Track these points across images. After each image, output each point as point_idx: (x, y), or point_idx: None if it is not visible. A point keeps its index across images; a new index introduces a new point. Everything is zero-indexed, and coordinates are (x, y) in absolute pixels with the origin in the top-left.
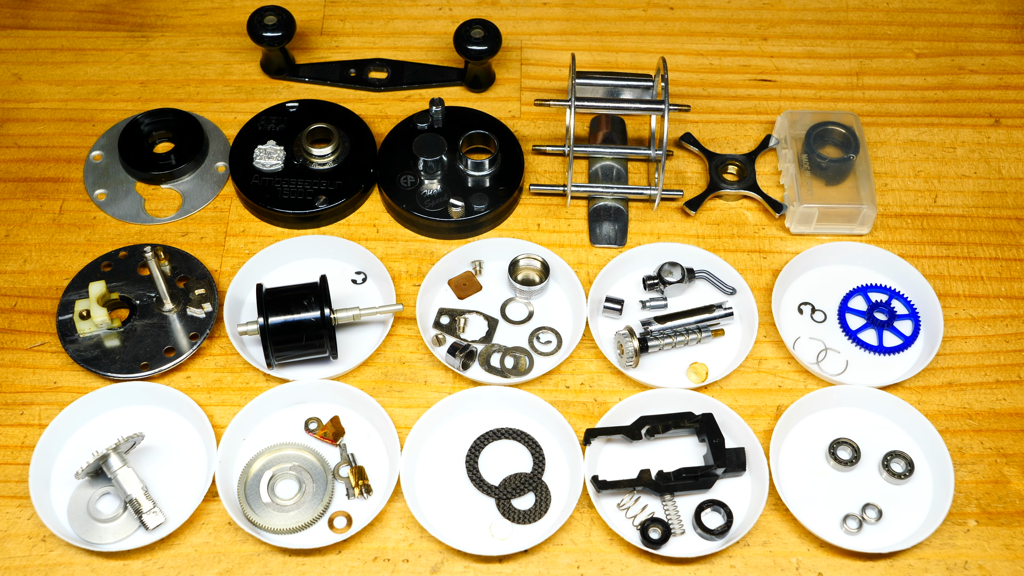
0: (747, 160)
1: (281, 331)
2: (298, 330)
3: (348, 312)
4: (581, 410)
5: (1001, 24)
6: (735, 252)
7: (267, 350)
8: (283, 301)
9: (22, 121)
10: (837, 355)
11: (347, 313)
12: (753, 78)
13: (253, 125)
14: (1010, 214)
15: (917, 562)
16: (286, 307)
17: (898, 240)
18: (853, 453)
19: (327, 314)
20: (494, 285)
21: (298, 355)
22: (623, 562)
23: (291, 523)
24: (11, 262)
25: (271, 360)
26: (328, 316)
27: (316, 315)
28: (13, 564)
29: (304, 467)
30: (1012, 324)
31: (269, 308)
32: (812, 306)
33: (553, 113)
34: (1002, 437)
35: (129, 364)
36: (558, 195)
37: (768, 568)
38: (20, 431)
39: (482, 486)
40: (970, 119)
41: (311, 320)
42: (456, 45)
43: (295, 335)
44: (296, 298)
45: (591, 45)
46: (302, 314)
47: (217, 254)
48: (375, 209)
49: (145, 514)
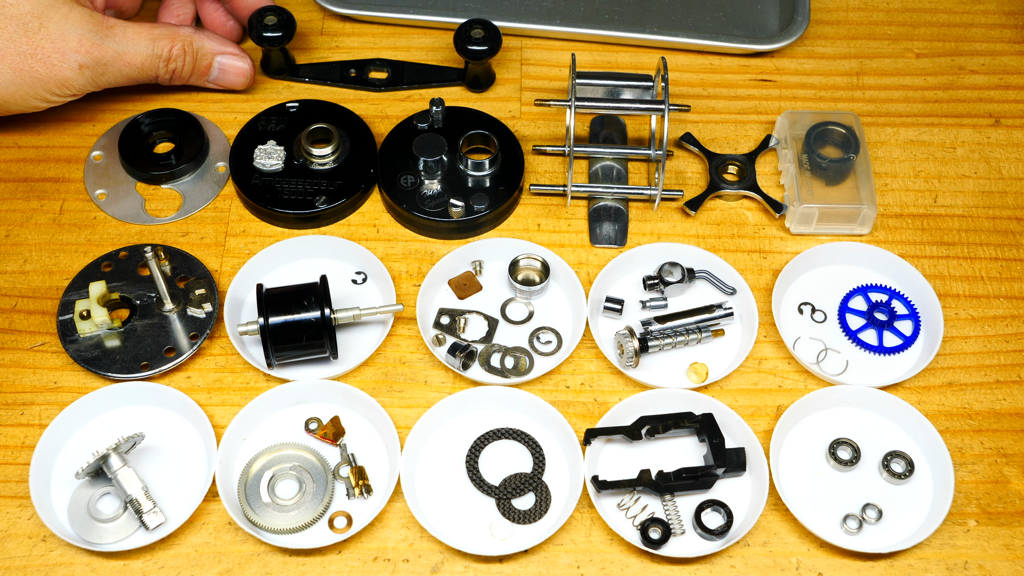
0: (747, 160)
1: (281, 331)
2: (298, 330)
3: (348, 312)
4: (581, 410)
5: (1001, 24)
6: (735, 252)
7: (267, 350)
8: (283, 301)
9: (22, 121)
10: (837, 355)
11: (347, 313)
12: (753, 78)
13: (253, 125)
14: (1010, 214)
15: (917, 562)
16: (286, 307)
17: (898, 240)
18: (853, 453)
19: (327, 314)
20: (494, 285)
21: (298, 355)
22: (623, 562)
23: (291, 523)
24: (11, 262)
25: (271, 360)
26: (328, 316)
27: (316, 315)
28: (13, 564)
29: (304, 467)
30: (1012, 324)
31: (269, 308)
32: (812, 306)
33: (553, 113)
34: (1002, 437)
35: (129, 364)
36: (558, 195)
37: (768, 568)
38: (20, 431)
39: (482, 486)
40: (970, 119)
41: (311, 320)
42: (456, 45)
43: (295, 335)
44: (296, 298)
45: (591, 45)
46: (302, 314)
47: (217, 254)
48: (375, 209)
49: (145, 514)
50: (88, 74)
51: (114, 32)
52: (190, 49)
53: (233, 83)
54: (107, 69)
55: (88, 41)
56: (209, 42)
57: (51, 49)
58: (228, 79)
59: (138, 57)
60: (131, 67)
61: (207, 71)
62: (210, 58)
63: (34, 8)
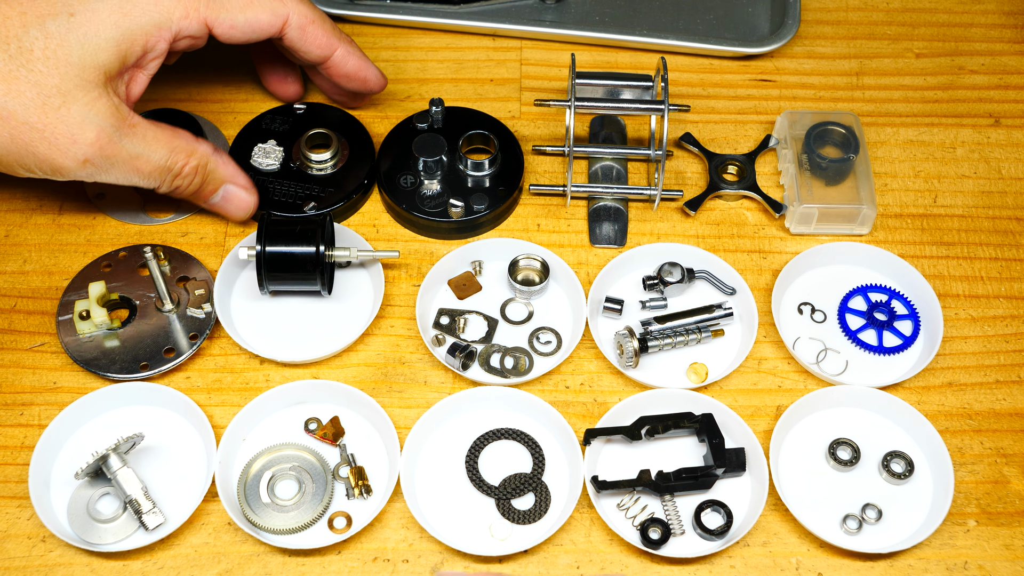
0: (747, 160)
1: (276, 260)
2: (292, 261)
3: (344, 252)
4: (581, 410)
5: (1001, 24)
6: (735, 252)
7: (260, 275)
8: (283, 231)
9: None
10: (837, 355)
11: (343, 252)
12: (753, 78)
13: (258, 123)
14: (1010, 214)
15: (917, 562)
16: (285, 238)
17: (898, 240)
18: (853, 453)
19: (322, 250)
20: (494, 285)
21: (291, 285)
22: (623, 562)
23: (291, 523)
24: (11, 262)
25: (264, 286)
26: (323, 252)
27: (312, 249)
28: (13, 564)
29: (304, 467)
30: (1012, 324)
31: (269, 237)
32: (812, 306)
33: (553, 113)
34: (1002, 437)
35: (129, 364)
36: (558, 195)
37: (768, 568)
38: (20, 431)
39: (482, 486)
40: (970, 119)
41: (306, 253)
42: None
43: (288, 265)
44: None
45: (591, 47)
46: (298, 247)
47: (217, 254)
48: (375, 209)
49: (145, 514)
50: (89, 169)
51: (135, 132)
52: (202, 171)
53: (232, 213)
54: (112, 168)
55: (105, 136)
56: (223, 168)
57: (63, 133)
58: (229, 208)
59: (149, 164)
60: (138, 172)
61: (211, 194)
62: (219, 184)
63: (62, 84)
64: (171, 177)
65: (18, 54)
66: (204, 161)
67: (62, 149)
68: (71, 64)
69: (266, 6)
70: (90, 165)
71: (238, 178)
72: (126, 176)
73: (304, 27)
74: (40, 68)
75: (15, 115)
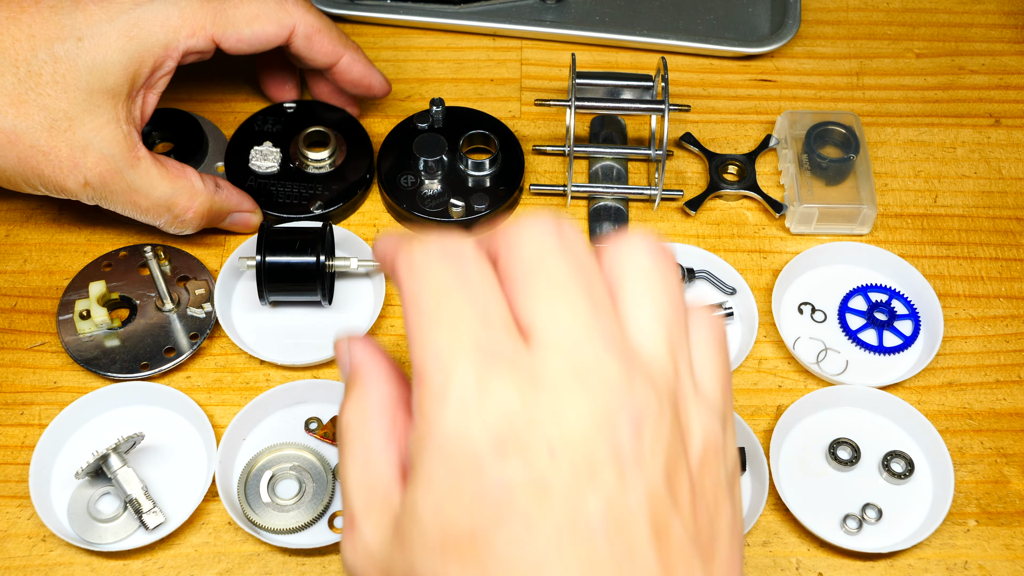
0: (747, 160)
1: (276, 271)
2: (292, 272)
3: (344, 261)
4: None
5: (1001, 24)
6: (735, 252)
7: (261, 287)
8: (284, 242)
9: None
10: (837, 355)
11: (343, 262)
12: (753, 78)
13: (250, 125)
14: (1010, 214)
15: (917, 562)
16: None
17: (898, 240)
18: (853, 453)
19: (322, 260)
20: None
21: (291, 296)
22: None
23: (291, 523)
24: (11, 262)
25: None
26: (323, 262)
27: (312, 260)
28: (13, 564)
29: (304, 467)
30: (1012, 324)
31: (268, 248)
32: (812, 306)
33: (553, 113)
34: (1002, 437)
35: (129, 364)
36: (558, 195)
37: (768, 568)
38: (20, 431)
39: None
40: (970, 119)
41: (307, 264)
42: None
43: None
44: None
45: (591, 47)
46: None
47: (217, 254)
48: (375, 209)
49: (145, 514)
50: (90, 193)
51: (138, 165)
52: (206, 216)
53: (239, 230)
54: (110, 196)
55: (105, 164)
56: (227, 202)
57: (66, 155)
58: (235, 229)
59: (147, 200)
60: (136, 207)
61: (217, 224)
62: (224, 217)
63: (70, 108)
64: (171, 218)
65: (27, 77)
66: (206, 207)
67: (64, 170)
68: (79, 89)
69: (272, 18)
70: (90, 189)
71: (243, 204)
72: (123, 207)
73: (310, 36)
74: (49, 92)
75: (23, 138)
